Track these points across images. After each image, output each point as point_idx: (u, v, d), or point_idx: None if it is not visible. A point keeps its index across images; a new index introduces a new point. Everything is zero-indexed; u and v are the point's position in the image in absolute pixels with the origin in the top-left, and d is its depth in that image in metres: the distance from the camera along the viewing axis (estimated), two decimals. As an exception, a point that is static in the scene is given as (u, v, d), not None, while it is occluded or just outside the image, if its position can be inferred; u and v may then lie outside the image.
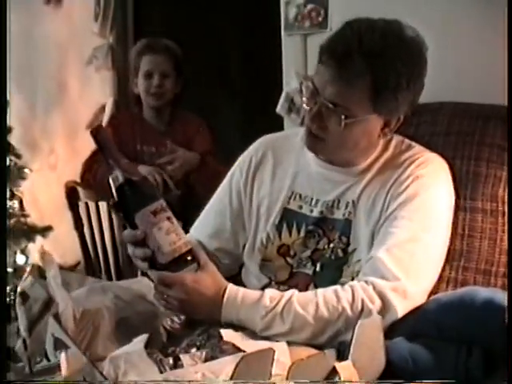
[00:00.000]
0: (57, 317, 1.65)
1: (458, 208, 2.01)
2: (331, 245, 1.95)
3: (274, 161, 2.07)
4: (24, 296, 1.71)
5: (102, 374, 1.46)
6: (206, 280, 1.78)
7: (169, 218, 1.72)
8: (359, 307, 1.75)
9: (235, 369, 1.47)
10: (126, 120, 3.61)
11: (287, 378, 1.47)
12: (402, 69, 1.82)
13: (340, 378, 1.51)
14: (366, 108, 1.85)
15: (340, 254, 1.94)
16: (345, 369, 1.53)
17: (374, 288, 1.77)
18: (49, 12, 4.46)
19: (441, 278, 2.00)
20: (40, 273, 1.76)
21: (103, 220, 3.29)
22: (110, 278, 3.29)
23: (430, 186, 1.91)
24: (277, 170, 2.06)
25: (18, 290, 1.72)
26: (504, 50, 2.09)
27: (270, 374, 1.49)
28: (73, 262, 3.84)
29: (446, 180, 1.97)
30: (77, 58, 4.34)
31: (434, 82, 2.20)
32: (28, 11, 4.55)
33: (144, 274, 3.14)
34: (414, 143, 2.02)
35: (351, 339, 1.59)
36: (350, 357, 1.56)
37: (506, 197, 2.03)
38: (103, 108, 4.20)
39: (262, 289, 1.87)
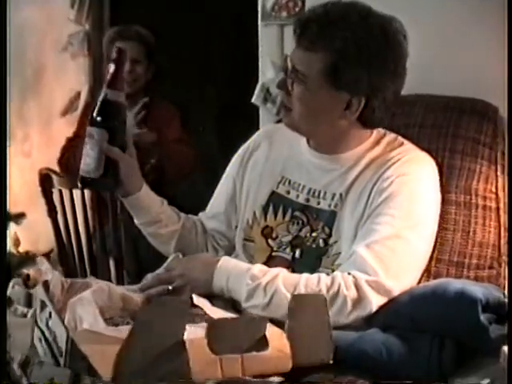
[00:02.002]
0: (46, 284, 1.70)
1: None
2: (313, 234, 1.97)
3: (269, 147, 2.12)
4: (9, 301, 1.73)
5: (63, 323, 1.48)
6: (194, 262, 1.94)
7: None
8: (335, 291, 1.77)
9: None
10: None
11: (206, 337, 1.46)
12: (359, 44, 1.85)
13: (268, 348, 1.49)
14: (322, 78, 1.89)
15: (321, 243, 1.95)
16: (276, 338, 1.51)
17: (354, 278, 1.79)
18: (24, -3, 4.43)
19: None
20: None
21: (77, 207, 3.28)
22: (83, 266, 3.28)
23: (416, 184, 1.92)
24: (270, 156, 2.10)
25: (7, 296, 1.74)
26: (504, 50, 2.08)
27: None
28: (46, 249, 3.81)
29: (432, 179, 1.97)
30: (53, 45, 4.32)
31: (409, 73, 2.22)
32: (3, -4, 4.51)
33: (117, 266, 3.16)
34: (406, 141, 2.03)
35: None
36: (285, 328, 1.55)
37: (482, 190, 2.05)
38: (78, 95, 4.19)
39: None
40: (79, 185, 1.98)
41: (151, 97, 3.57)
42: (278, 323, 1.59)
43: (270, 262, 1.99)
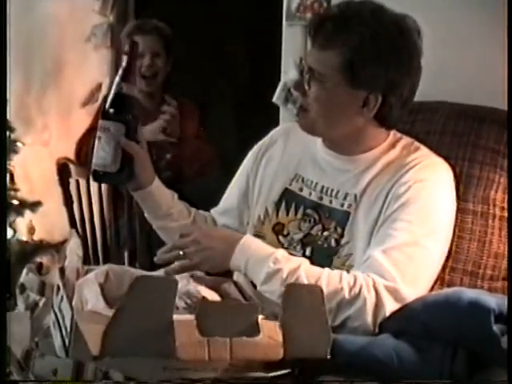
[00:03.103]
0: (62, 269, 1.71)
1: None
2: (325, 233, 1.97)
3: (285, 144, 2.12)
4: (22, 287, 1.74)
5: (70, 304, 1.49)
6: (217, 233, 1.95)
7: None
8: (356, 292, 1.77)
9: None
10: None
11: (196, 318, 1.46)
12: (374, 40, 1.86)
13: (260, 335, 1.49)
14: (339, 75, 1.89)
15: (333, 243, 1.95)
16: (268, 326, 1.50)
17: (373, 281, 1.79)
18: (50, -12, 4.45)
19: (427, 277, 2.02)
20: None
21: (93, 198, 3.29)
22: (96, 257, 3.29)
23: (433, 190, 1.92)
24: (285, 153, 2.11)
25: (18, 282, 1.76)
26: (504, 52, 2.09)
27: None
28: (61, 238, 3.84)
29: (448, 185, 1.97)
30: (76, 36, 4.32)
31: (431, 81, 2.21)
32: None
33: (130, 258, 3.17)
34: (422, 146, 2.02)
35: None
36: (279, 317, 1.54)
37: (500, 201, 2.04)
38: (100, 86, 4.20)
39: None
40: (92, 178, 1.98)
41: (170, 93, 3.58)
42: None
43: None
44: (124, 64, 1.93)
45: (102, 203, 3.31)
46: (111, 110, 1.91)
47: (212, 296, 1.78)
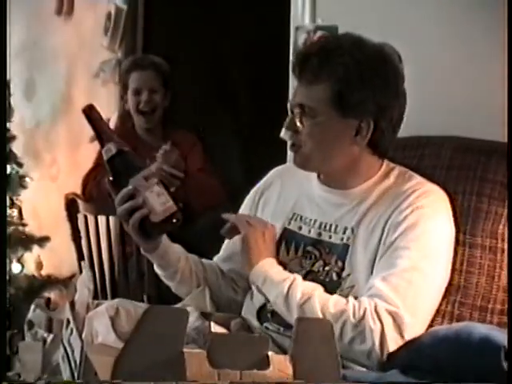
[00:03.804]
0: (72, 303, 1.71)
1: (457, 242, 2.01)
2: (326, 268, 1.97)
3: (281, 186, 2.14)
4: (30, 323, 1.75)
5: (80, 337, 1.50)
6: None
7: (158, 183, 1.89)
8: (360, 314, 1.79)
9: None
10: (121, 137, 3.64)
11: (207, 350, 1.46)
12: (359, 68, 1.91)
13: (270, 368, 1.48)
14: (329, 108, 1.93)
15: (334, 277, 1.95)
16: (278, 360, 1.50)
17: (375, 304, 1.80)
18: (59, 23, 4.49)
19: (437, 311, 2.00)
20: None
21: (101, 234, 3.29)
22: (104, 293, 3.28)
23: (431, 217, 1.92)
24: (282, 194, 2.12)
25: (26, 318, 1.77)
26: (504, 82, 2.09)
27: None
28: (69, 273, 3.84)
29: (446, 212, 1.98)
30: (84, 71, 4.36)
31: (436, 115, 2.22)
32: (38, 21, 4.58)
33: (137, 291, 3.16)
34: (416, 175, 2.03)
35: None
36: (289, 351, 1.54)
37: (506, 234, 2.03)
38: (108, 121, 4.20)
39: (258, 311, 2.00)
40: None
41: (169, 127, 3.60)
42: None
43: None
44: (94, 133, 1.93)
45: (110, 238, 3.31)
46: (122, 177, 1.91)
47: (221, 331, 1.78)
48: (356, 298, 1.86)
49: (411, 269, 1.84)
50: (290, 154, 2.80)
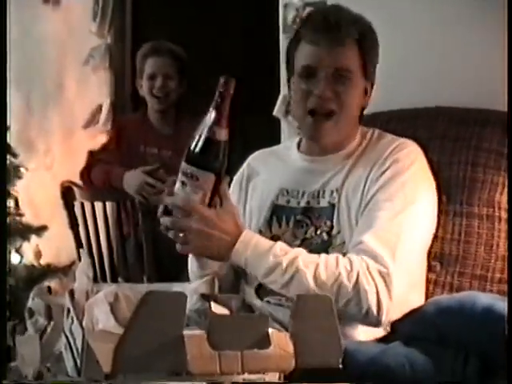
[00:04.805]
0: (71, 292, 1.69)
1: (454, 213, 2.01)
2: (318, 231, 1.98)
3: (265, 169, 2.15)
4: (30, 311, 1.73)
5: (81, 325, 1.49)
6: (226, 217, 1.82)
7: None
8: (354, 277, 1.79)
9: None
10: (132, 123, 3.66)
11: (207, 332, 1.45)
12: (371, 31, 1.98)
13: (271, 346, 1.47)
14: (357, 68, 1.95)
15: (325, 237, 1.97)
16: (278, 338, 1.49)
17: (367, 266, 1.80)
18: (47, 11, 4.46)
19: (436, 282, 2.01)
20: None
21: (99, 220, 3.29)
22: (104, 278, 3.29)
23: (408, 168, 1.94)
24: (267, 177, 2.12)
25: (26, 306, 1.75)
26: (504, 54, 2.08)
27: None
28: (67, 261, 3.84)
29: (423, 163, 1.99)
30: (74, 58, 4.33)
31: (432, 86, 2.21)
32: (27, 10, 4.55)
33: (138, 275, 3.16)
34: (386, 133, 2.07)
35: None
36: (289, 328, 1.53)
37: (505, 203, 2.03)
38: (100, 108, 4.20)
39: (256, 289, 1.98)
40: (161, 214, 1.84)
41: (182, 113, 3.59)
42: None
43: None
44: (216, 104, 1.74)
45: (108, 225, 3.31)
46: (200, 157, 1.75)
47: (222, 312, 1.78)
48: (345, 254, 1.87)
49: (397, 220, 1.86)
50: (285, 130, 2.83)
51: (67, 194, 3.34)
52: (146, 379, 1.41)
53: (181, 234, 1.81)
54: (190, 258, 2.02)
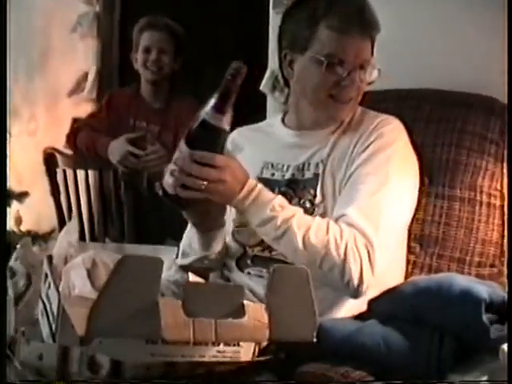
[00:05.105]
0: (50, 257, 1.67)
1: (436, 195, 2.02)
2: (301, 201, 1.99)
3: (249, 144, 2.14)
4: (11, 271, 1.73)
5: (58, 290, 1.48)
6: (236, 164, 1.83)
7: None
8: (342, 248, 1.80)
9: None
10: (125, 96, 3.64)
11: (182, 299, 1.45)
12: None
13: (245, 317, 1.48)
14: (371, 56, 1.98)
15: (307, 205, 1.97)
16: (253, 308, 1.50)
17: (355, 237, 1.81)
18: (35, -24, 4.42)
19: (415, 263, 2.02)
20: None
21: (80, 188, 3.28)
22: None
23: (392, 144, 1.95)
24: (251, 151, 2.11)
25: (8, 265, 1.74)
26: (503, 43, 2.08)
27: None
28: (48, 228, 3.83)
29: (406, 139, 2.00)
30: (61, 25, 4.30)
31: (417, 68, 2.21)
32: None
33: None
34: (369, 109, 2.07)
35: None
36: (264, 300, 1.53)
37: (487, 187, 2.04)
38: (86, 76, 4.18)
39: (237, 261, 2.01)
40: (160, 193, 1.80)
41: (175, 88, 3.58)
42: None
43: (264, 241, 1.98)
44: (222, 89, 1.69)
45: (90, 193, 3.30)
46: (197, 142, 1.73)
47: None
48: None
49: (377, 194, 1.87)
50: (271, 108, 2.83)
51: (50, 160, 3.32)
52: (122, 345, 1.41)
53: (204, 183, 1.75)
54: (191, 236, 2.01)
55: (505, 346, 1.44)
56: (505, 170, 2.05)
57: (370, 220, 1.84)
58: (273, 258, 1.95)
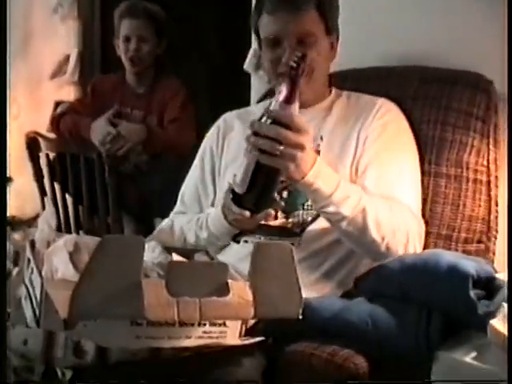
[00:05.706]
0: (32, 242, 1.67)
1: (423, 172, 2.02)
2: None
3: (240, 124, 2.15)
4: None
5: (40, 274, 1.47)
6: (308, 143, 1.72)
7: None
8: (409, 249, 1.86)
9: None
10: (111, 82, 3.61)
11: (165, 279, 1.44)
12: None
13: (229, 295, 1.47)
14: (321, 29, 1.99)
15: None
16: (238, 287, 1.49)
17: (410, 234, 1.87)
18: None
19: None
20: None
21: (64, 172, 3.25)
22: (68, 231, 3.26)
23: (399, 118, 2.03)
24: (242, 131, 2.09)
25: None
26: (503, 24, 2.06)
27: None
28: (32, 213, 3.81)
29: (402, 114, 2.07)
30: (42, 6, 4.26)
31: (403, 45, 2.19)
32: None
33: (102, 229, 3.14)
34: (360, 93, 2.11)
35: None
36: (248, 277, 1.52)
37: (473, 163, 2.03)
38: (67, 58, 4.15)
39: (234, 237, 2.00)
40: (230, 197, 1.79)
41: (161, 72, 3.55)
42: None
43: None
44: (290, 80, 1.66)
45: (74, 177, 3.27)
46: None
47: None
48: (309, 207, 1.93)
49: (397, 166, 1.94)
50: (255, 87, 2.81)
51: (32, 145, 3.29)
52: (107, 328, 1.40)
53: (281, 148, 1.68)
54: (213, 223, 1.99)
55: (493, 322, 1.44)
56: (491, 146, 2.04)
57: (416, 203, 1.94)
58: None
